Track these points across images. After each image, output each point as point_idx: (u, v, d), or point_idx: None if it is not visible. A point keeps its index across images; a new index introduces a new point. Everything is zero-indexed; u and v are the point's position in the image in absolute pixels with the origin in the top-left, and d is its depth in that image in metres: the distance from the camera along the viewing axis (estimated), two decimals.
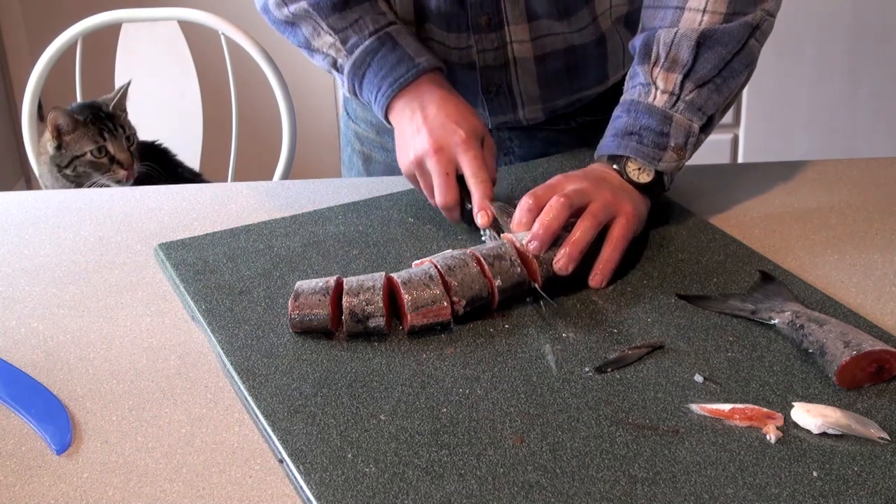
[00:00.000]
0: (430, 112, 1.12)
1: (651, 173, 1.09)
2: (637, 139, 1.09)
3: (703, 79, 1.10)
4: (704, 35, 1.09)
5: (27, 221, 1.22)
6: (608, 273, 1.03)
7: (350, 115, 1.47)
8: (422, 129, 1.11)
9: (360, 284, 0.96)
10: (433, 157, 1.10)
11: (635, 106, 1.11)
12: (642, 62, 1.12)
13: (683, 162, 1.11)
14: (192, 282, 1.05)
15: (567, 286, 1.02)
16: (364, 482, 0.78)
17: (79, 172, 1.76)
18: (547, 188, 1.06)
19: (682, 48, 1.09)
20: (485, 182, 1.09)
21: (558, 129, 1.37)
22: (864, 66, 2.79)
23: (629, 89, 1.13)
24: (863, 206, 1.20)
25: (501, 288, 0.98)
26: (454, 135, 1.10)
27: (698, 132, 1.10)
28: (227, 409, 0.89)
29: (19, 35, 3.27)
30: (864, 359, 0.86)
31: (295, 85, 2.24)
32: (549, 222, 1.01)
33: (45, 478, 0.82)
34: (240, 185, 1.31)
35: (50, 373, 0.94)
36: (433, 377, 0.90)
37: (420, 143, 1.11)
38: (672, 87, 1.10)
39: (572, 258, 1.01)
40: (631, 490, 0.77)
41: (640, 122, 1.10)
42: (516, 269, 0.99)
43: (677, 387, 0.88)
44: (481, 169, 1.09)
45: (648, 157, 1.09)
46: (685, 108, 1.09)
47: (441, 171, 1.09)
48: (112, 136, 1.76)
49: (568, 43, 1.26)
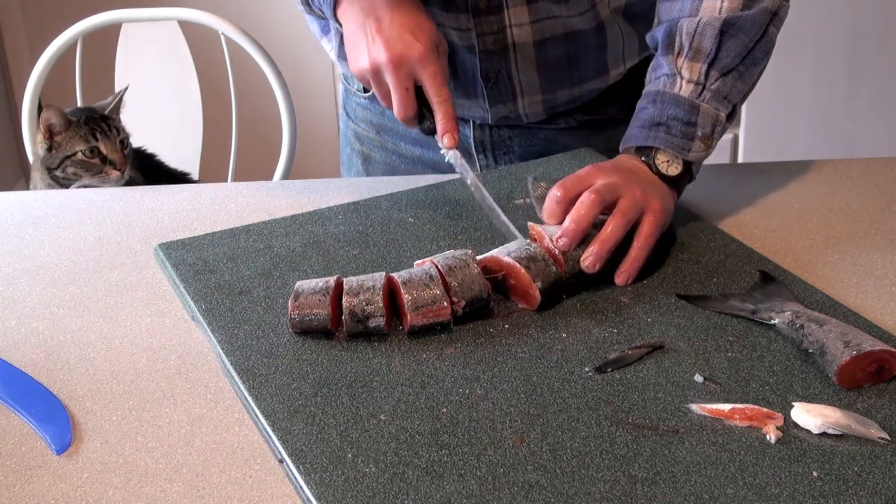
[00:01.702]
0: (383, 16, 1.10)
1: (679, 166, 1.09)
2: (665, 130, 1.09)
3: (727, 67, 1.10)
4: (727, 23, 1.10)
5: (27, 221, 1.22)
6: (634, 271, 1.02)
7: (349, 114, 1.47)
8: (377, 37, 1.09)
9: (360, 284, 0.96)
10: (392, 72, 1.09)
11: (661, 97, 1.11)
12: (666, 52, 1.12)
13: (710, 151, 1.12)
14: (192, 282, 1.05)
15: (592, 283, 1.02)
16: (364, 482, 0.78)
17: (68, 174, 1.75)
18: (577, 180, 1.05)
19: (706, 37, 1.10)
20: (446, 101, 1.09)
21: (558, 128, 1.37)
22: (864, 66, 2.79)
23: (653, 80, 1.13)
24: (863, 206, 1.20)
25: (542, 289, 0.98)
26: (412, 49, 1.08)
27: (724, 120, 1.11)
28: (227, 409, 0.89)
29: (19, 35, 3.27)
30: (864, 359, 0.86)
31: (295, 85, 2.24)
32: (579, 219, 1.01)
33: (45, 478, 0.82)
34: (240, 185, 1.31)
35: (50, 373, 0.94)
36: (433, 377, 0.90)
37: (377, 52, 1.09)
38: (697, 76, 1.10)
39: (600, 257, 1.00)
40: (631, 490, 0.77)
41: (667, 113, 1.10)
42: (551, 268, 0.99)
43: (677, 387, 0.88)
44: (442, 87, 1.09)
45: (678, 148, 1.09)
46: (711, 97, 1.10)
47: (400, 85, 1.09)
48: (105, 136, 1.76)
49: (567, 28, 1.26)
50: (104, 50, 2.20)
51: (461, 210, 1.18)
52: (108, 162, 1.75)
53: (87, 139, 1.75)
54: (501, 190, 1.21)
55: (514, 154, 1.38)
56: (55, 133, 1.75)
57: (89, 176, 1.75)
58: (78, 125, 1.76)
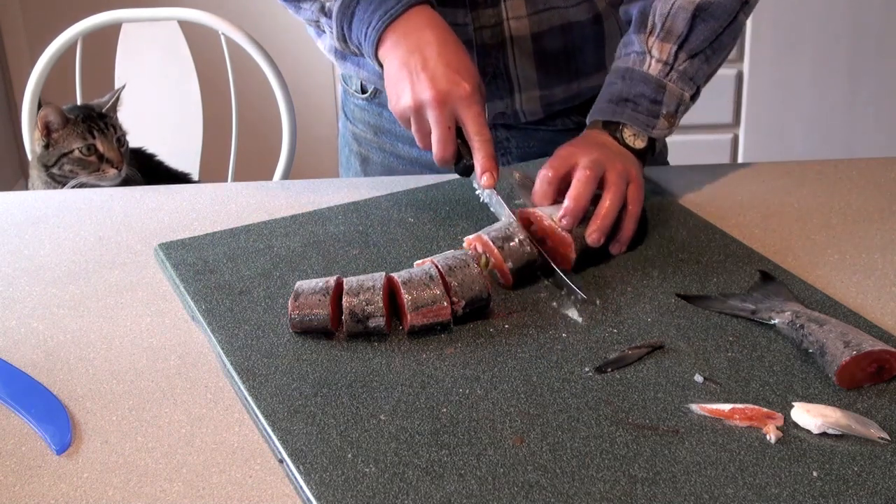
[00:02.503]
0: (429, 55, 1.09)
1: (645, 139, 1.14)
2: (632, 106, 1.14)
3: (695, 50, 1.15)
4: (700, 7, 1.14)
5: (27, 221, 1.22)
6: (627, 240, 1.08)
7: (348, 116, 1.47)
8: (421, 75, 1.08)
9: (360, 284, 0.96)
10: (436, 109, 1.08)
11: (630, 73, 1.15)
12: (638, 31, 1.16)
13: (672, 129, 1.16)
14: (192, 282, 1.05)
15: (594, 258, 1.06)
16: (364, 482, 0.78)
17: (65, 171, 1.75)
18: (561, 160, 1.09)
19: (679, 19, 1.14)
20: (488, 142, 1.09)
21: (555, 130, 1.37)
22: (864, 66, 2.79)
23: (623, 56, 1.17)
24: (863, 206, 1.20)
25: (513, 269, 1.01)
26: (458, 87, 1.07)
27: (689, 101, 1.16)
28: (227, 409, 0.89)
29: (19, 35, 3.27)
30: (864, 359, 0.86)
31: (295, 85, 2.24)
32: (578, 196, 1.05)
33: (45, 478, 0.82)
34: (240, 185, 1.31)
35: (50, 373, 0.94)
36: (433, 377, 0.90)
37: (421, 89, 1.08)
38: (667, 56, 1.14)
39: (603, 230, 1.06)
40: (631, 490, 0.77)
41: (634, 90, 1.14)
42: (525, 248, 1.02)
43: (677, 387, 0.88)
44: (484, 127, 1.09)
45: (643, 124, 1.13)
46: (678, 78, 1.14)
47: (443, 124, 1.08)
48: (102, 134, 1.75)
49: (565, 19, 1.27)
50: (104, 50, 2.20)
51: (461, 210, 1.18)
52: (104, 160, 1.75)
53: (83, 137, 1.75)
54: (500, 191, 1.20)
55: (511, 155, 1.38)
56: (52, 130, 1.75)
57: (86, 174, 1.74)
58: (75, 123, 1.76)
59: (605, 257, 1.07)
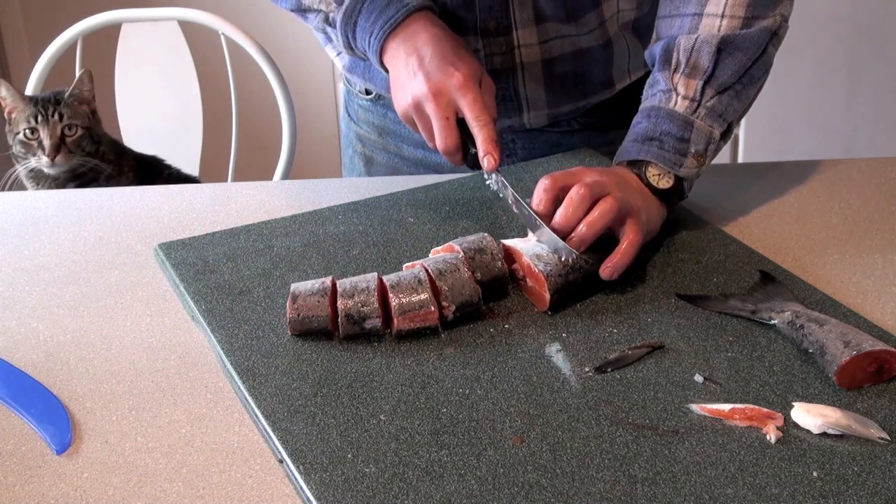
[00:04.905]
0: (425, 53, 1.09)
1: (671, 180, 1.09)
2: (658, 144, 1.09)
3: (723, 85, 1.09)
4: (725, 41, 1.09)
5: (27, 221, 1.22)
6: (619, 268, 1.00)
7: (352, 116, 1.47)
8: (418, 73, 1.09)
9: (353, 286, 0.95)
10: (432, 101, 1.07)
11: (656, 111, 1.10)
12: (663, 69, 1.12)
13: (703, 169, 1.11)
14: (192, 282, 1.05)
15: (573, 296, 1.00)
16: (364, 482, 0.78)
17: (17, 152, 1.78)
18: (566, 173, 1.05)
19: (703, 54, 1.09)
20: (487, 125, 1.07)
21: (561, 131, 1.37)
22: (864, 66, 2.79)
23: (649, 96, 1.13)
24: (863, 206, 1.20)
25: (481, 281, 0.98)
26: (452, 77, 1.07)
27: (718, 139, 1.10)
28: (227, 409, 0.89)
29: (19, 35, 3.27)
30: (864, 359, 0.86)
31: (295, 85, 2.24)
32: (570, 214, 1.00)
33: (45, 478, 0.82)
34: (240, 185, 1.31)
35: (50, 373, 0.94)
36: (433, 377, 0.90)
37: (417, 86, 1.08)
38: (693, 92, 1.09)
39: (584, 239, 1.00)
40: (631, 490, 0.77)
41: (660, 128, 1.09)
42: (497, 262, 1.00)
43: (677, 387, 0.88)
44: (482, 111, 1.07)
45: (669, 163, 1.08)
46: (706, 114, 1.09)
47: (440, 115, 1.08)
48: (45, 119, 1.75)
49: (576, 46, 1.26)
50: (104, 50, 2.20)
51: (461, 210, 1.18)
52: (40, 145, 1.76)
53: (28, 120, 1.76)
54: None
55: (516, 157, 1.38)
56: (5, 108, 1.78)
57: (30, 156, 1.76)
58: (28, 104, 1.77)
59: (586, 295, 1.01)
